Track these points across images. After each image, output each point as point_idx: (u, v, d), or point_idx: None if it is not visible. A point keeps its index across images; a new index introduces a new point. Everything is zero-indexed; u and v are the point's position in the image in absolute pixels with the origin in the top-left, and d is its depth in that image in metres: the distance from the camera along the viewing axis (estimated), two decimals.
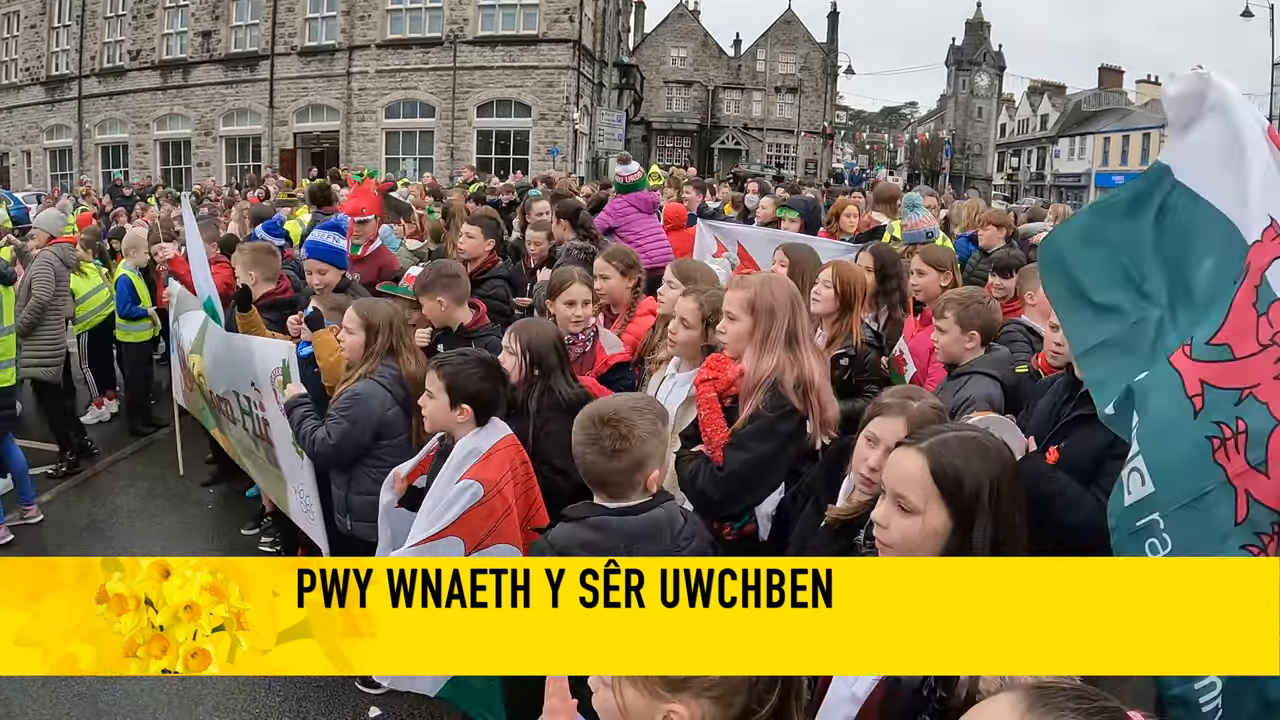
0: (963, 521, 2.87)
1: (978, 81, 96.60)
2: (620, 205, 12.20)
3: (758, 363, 4.97)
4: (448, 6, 51.40)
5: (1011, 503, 2.95)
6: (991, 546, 2.84)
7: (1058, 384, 5.47)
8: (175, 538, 9.44)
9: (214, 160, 54.13)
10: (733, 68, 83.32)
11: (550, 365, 5.73)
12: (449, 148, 51.32)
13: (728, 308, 5.15)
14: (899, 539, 2.97)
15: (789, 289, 5.26)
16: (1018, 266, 8.67)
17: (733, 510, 5.01)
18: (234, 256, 9.10)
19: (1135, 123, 77.18)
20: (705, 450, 4.97)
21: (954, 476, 2.90)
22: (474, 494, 4.79)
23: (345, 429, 6.30)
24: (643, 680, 2.35)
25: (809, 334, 5.29)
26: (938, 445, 2.97)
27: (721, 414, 4.99)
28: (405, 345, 6.68)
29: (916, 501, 2.92)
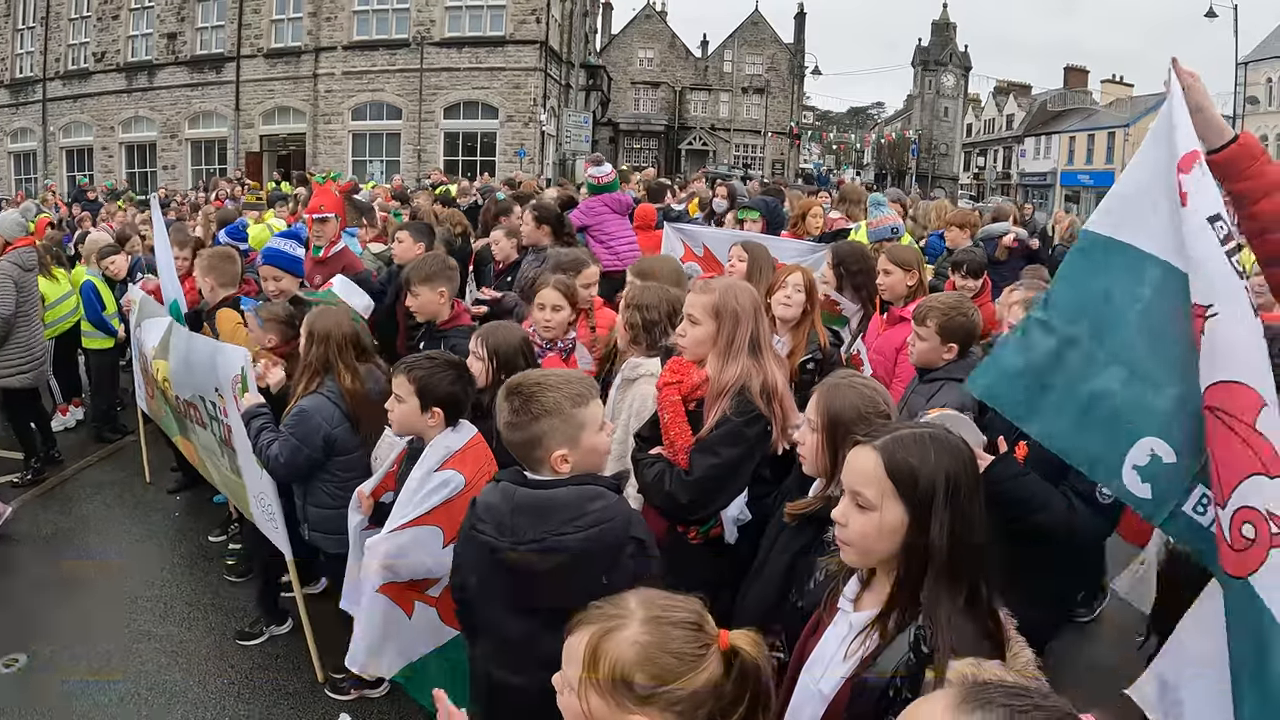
0: (919, 517, 2.88)
1: (944, 82, 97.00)
2: (595, 205, 12.26)
3: (723, 368, 4.98)
4: (414, 8, 51.14)
5: (969, 498, 2.96)
6: (949, 541, 2.85)
7: None
8: (141, 545, 9.41)
9: (179, 164, 53.66)
10: (700, 68, 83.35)
11: (516, 369, 5.66)
12: (416, 150, 51.10)
13: (690, 311, 5.14)
14: (857, 536, 2.98)
15: (752, 295, 5.26)
16: (981, 266, 8.76)
17: (700, 515, 5.00)
18: (201, 263, 9.04)
19: (1100, 122, 77.68)
20: (666, 454, 4.97)
21: (909, 473, 2.91)
22: (456, 485, 4.84)
23: (294, 446, 6.28)
24: (610, 690, 2.38)
25: (770, 341, 5.30)
26: (892, 442, 2.98)
27: (686, 418, 4.98)
28: (344, 362, 6.50)
29: (872, 498, 2.93)
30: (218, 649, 7.45)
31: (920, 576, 2.87)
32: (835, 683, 2.97)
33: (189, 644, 7.51)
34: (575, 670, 2.45)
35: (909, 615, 2.87)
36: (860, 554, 3.03)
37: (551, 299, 6.91)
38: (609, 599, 2.56)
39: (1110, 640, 7.87)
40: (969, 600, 2.85)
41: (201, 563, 8.98)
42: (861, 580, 3.15)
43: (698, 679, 2.39)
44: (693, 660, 2.41)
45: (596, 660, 2.40)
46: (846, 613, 3.11)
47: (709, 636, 2.47)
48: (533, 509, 3.79)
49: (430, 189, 23.46)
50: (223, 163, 52.56)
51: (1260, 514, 2.91)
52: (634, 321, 6.03)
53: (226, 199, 24.66)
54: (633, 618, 2.46)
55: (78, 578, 8.63)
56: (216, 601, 8.19)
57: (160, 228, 9.91)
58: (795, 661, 3.27)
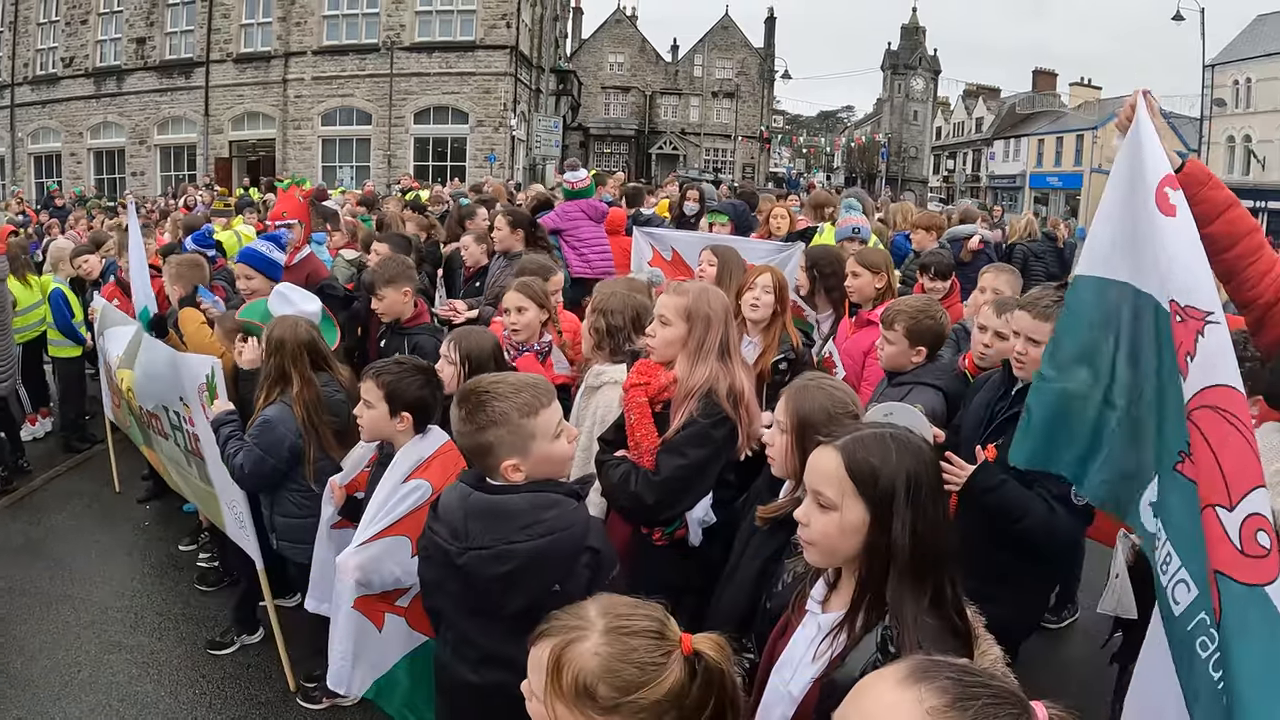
0: (880, 517, 2.90)
1: (913, 85, 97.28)
2: (571, 210, 12.23)
3: (692, 370, 5.01)
4: (384, 13, 50.97)
5: (931, 497, 2.97)
6: (911, 541, 2.87)
7: (992, 381, 5.56)
8: (112, 555, 9.35)
9: (149, 170, 53.28)
10: (670, 73, 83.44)
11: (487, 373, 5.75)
12: (386, 155, 50.94)
13: (662, 312, 5.17)
14: (819, 535, 3.00)
15: (723, 300, 5.29)
16: (949, 268, 8.80)
17: (666, 515, 5.01)
18: (167, 269, 9.02)
19: (1068, 125, 78.23)
20: (632, 455, 4.99)
21: (869, 472, 2.92)
22: (423, 493, 4.83)
23: (258, 456, 6.26)
24: (574, 701, 2.39)
25: (738, 347, 5.35)
26: (852, 442, 3.00)
27: (652, 419, 5.00)
28: (298, 371, 6.45)
29: (833, 497, 2.95)
30: (189, 659, 7.41)
31: (884, 576, 2.89)
32: (804, 684, 2.99)
33: (160, 654, 7.46)
34: (540, 680, 2.46)
35: (875, 615, 2.89)
36: (823, 554, 3.05)
37: (514, 301, 6.95)
38: (570, 608, 2.57)
39: (1078, 643, 7.94)
40: (934, 599, 2.87)
41: (172, 572, 8.93)
42: (829, 582, 3.17)
43: (660, 688, 2.40)
44: (655, 669, 2.42)
45: (559, 672, 2.41)
46: (814, 614, 3.13)
47: (671, 643, 2.48)
48: (486, 514, 3.79)
49: (400, 195, 23.40)
50: (192, 169, 52.08)
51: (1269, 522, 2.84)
52: (598, 326, 6.04)
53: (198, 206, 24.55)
54: (593, 629, 2.47)
55: (47, 588, 8.57)
56: (187, 611, 8.15)
57: (135, 233, 9.87)
58: (765, 663, 3.28)
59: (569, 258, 11.54)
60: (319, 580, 5.78)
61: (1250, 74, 58.87)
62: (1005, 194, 78.93)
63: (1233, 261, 3.90)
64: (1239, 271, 3.91)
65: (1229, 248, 3.88)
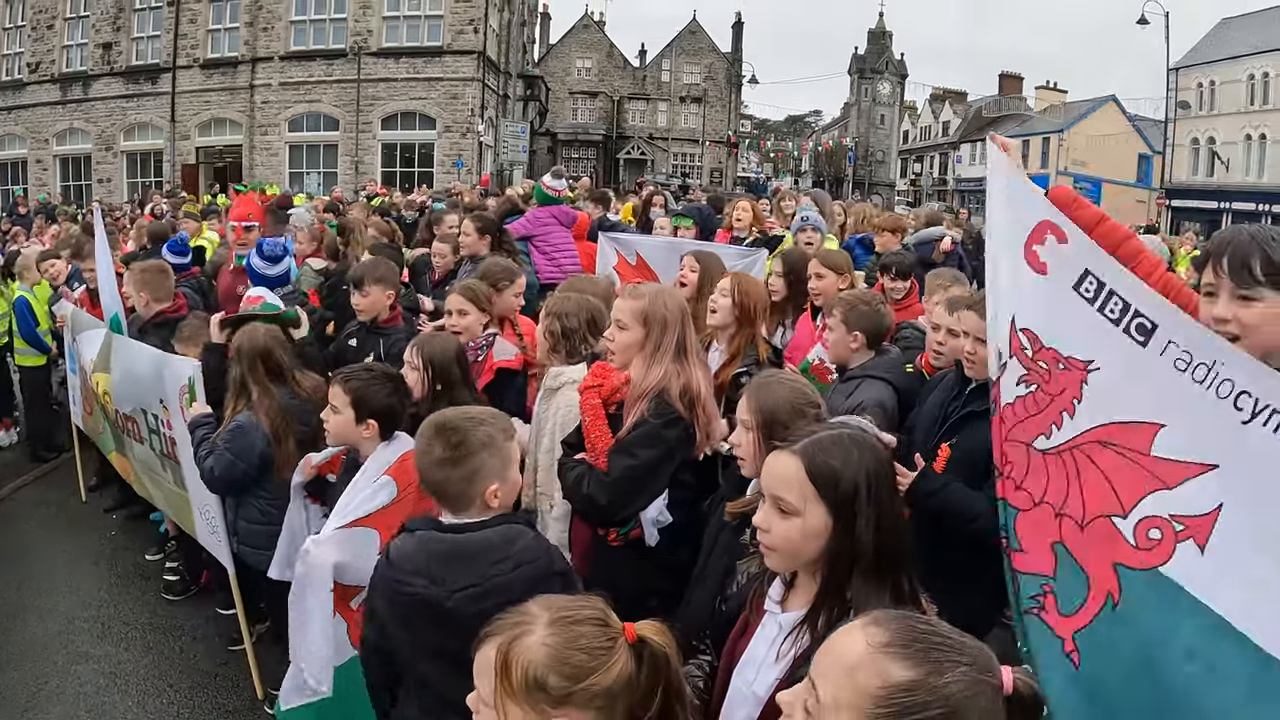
0: (843, 519, 2.92)
1: (880, 90, 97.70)
2: (543, 215, 12.24)
3: (646, 372, 5.03)
4: (351, 18, 50.71)
5: (890, 493, 3.03)
6: (875, 538, 2.91)
7: (946, 380, 5.61)
8: (78, 564, 9.31)
9: (115, 176, 52.79)
10: (638, 78, 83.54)
11: (452, 379, 5.79)
12: (353, 161, 50.67)
13: (619, 316, 5.19)
14: (781, 541, 3.01)
15: (679, 301, 5.33)
16: (909, 268, 8.86)
17: (619, 515, 5.03)
18: (125, 275, 9.00)
19: (1035, 128, 78.68)
20: (588, 457, 5.01)
21: (830, 475, 2.94)
22: (390, 492, 4.86)
23: (229, 461, 6.27)
24: (525, 696, 2.40)
25: (697, 349, 5.35)
26: (811, 446, 3.01)
27: (606, 421, 5.05)
28: (256, 380, 6.48)
29: (795, 503, 2.96)
30: (157, 669, 7.39)
31: (847, 575, 2.92)
32: (769, 684, 2.99)
33: (127, 664, 7.45)
34: (488, 683, 2.47)
35: (838, 612, 2.90)
36: (785, 559, 3.07)
37: (455, 304, 7.03)
38: (510, 610, 2.59)
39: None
40: (894, 594, 2.91)
41: (139, 582, 8.91)
42: (785, 581, 3.18)
43: (610, 673, 2.42)
44: (602, 654, 2.44)
45: (508, 667, 2.42)
46: (774, 614, 3.14)
47: (615, 631, 2.51)
48: (460, 555, 3.77)
49: (366, 200, 23.35)
50: (158, 175, 51.76)
51: (1164, 519, 3.23)
52: (553, 330, 6.08)
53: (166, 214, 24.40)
54: (538, 621, 2.49)
55: (14, 599, 8.54)
56: (154, 621, 8.13)
57: (102, 239, 9.85)
58: (725, 665, 3.30)
59: (539, 263, 11.56)
60: (286, 548, 5.78)
61: (1214, 77, 59.38)
62: (972, 197, 79.17)
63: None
64: None
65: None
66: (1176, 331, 3.37)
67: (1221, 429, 3.15)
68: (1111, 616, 3.31)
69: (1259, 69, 56.42)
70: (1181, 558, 3.18)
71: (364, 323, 7.89)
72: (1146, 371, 3.40)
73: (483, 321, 7.07)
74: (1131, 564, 3.29)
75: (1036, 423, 3.73)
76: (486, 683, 2.48)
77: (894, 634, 2.03)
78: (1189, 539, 3.17)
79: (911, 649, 2.00)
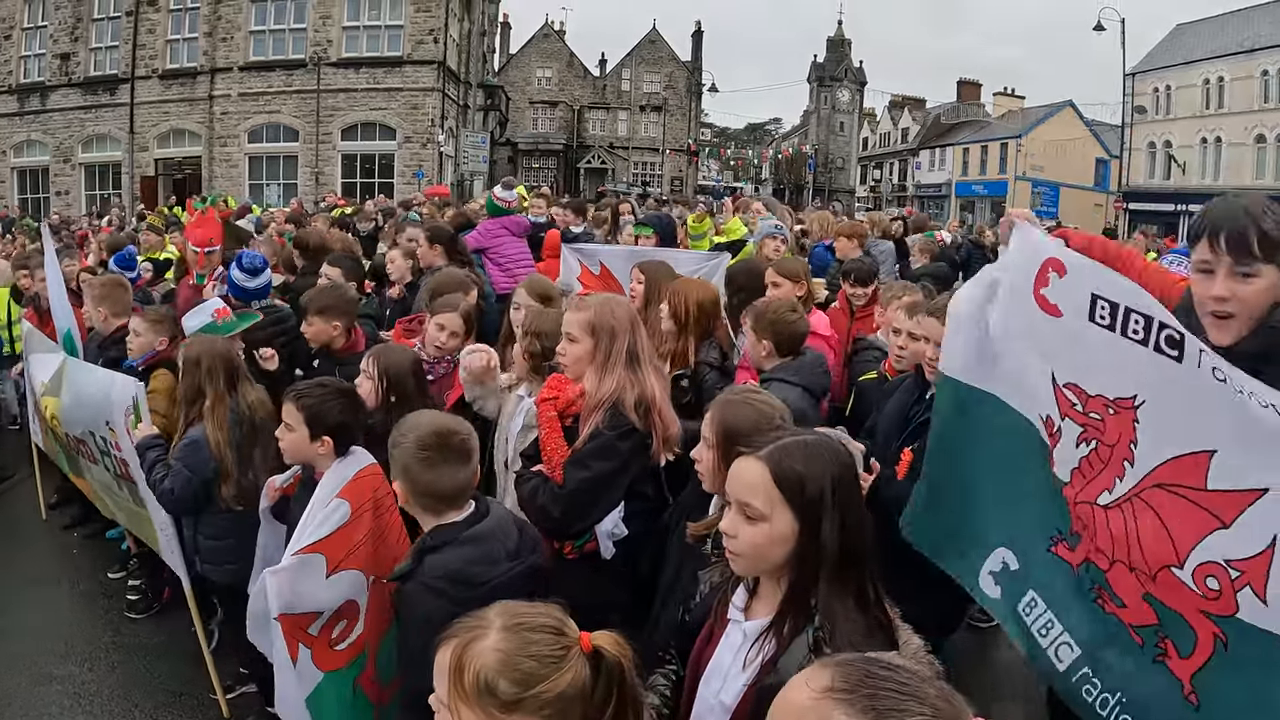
0: (809, 523, 2.95)
1: (839, 97, 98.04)
2: (494, 227, 12.22)
3: (599, 383, 5.05)
4: (311, 28, 50.41)
5: (854, 496, 3.07)
6: (840, 542, 2.94)
7: (906, 384, 5.70)
8: (39, 584, 9.20)
9: (73, 189, 52.09)
10: (598, 87, 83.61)
11: (407, 391, 5.82)
12: (314, 172, 50.35)
13: (568, 330, 5.22)
14: (748, 547, 3.03)
15: (628, 309, 5.37)
16: (871, 274, 8.98)
17: (574, 528, 5.06)
18: (92, 294, 8.94)
19: (993, 134, 79.31)
20: (545, 469, 5.02)
21: (796, 480, 2.97)
22: (343, 514, 4.78)
23: (185, 478, 6.23)
24: (476, 699, 2.43)
25: (649, 353, 5.37)
26: (777, 451, 3.04)
27: (561, 433, 5.06)
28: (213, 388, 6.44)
29: (762, 508, 2.99)
30: (121, 688, 7.32)
31: (813, 579, 2.95)
32: (737, 692, 3.02)
33: (91, 684, 7.37)
34: (443, 685, 2.51)
35: (803, 618, 2.94)
36: (751, 564, 3.10)
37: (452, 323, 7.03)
38: (471, 614, 2.63)
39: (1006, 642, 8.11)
40: (858, 597, 2.94)
41: (102, 600, 8.82)
42: (749, 589, 3.21)
43: (561, 681, 2.45)
44: (554, 662, 2.47)
45: (461, 670, 2.46)
46: (738, 622, 3.16)
47: (570, 640, 2.53)
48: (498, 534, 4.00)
49: (326, 212, 23.23)
50: (117, 188, 51.13)
51: (1219, 564, 3.13)
52: (533, 350, 6.01)
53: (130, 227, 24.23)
54: (492, 627, 2.52)
55: None
56: (118, 640, 8.05)
57: (51, 255, 9.83)
58: (691, 675, 3.31)
59: (494, 275, 11.52)
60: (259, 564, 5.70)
61: (1170, 81, 60.04)
62: (932, 202, 79.70)
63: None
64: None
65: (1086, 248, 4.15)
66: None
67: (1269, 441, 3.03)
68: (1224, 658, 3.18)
69: (1214, 74, 57.07)
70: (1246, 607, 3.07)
71: (321, 351, 7.84)
72: (1189, 389, 3.25)
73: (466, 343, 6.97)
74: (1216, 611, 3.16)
75: (1102, 479, 3.62)
76: (442, 684, 2.52)
77: (839, 678, 1.95)
78: (1245, 586, 3.07)
79: (857, 694, 1.91)
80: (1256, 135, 54.22)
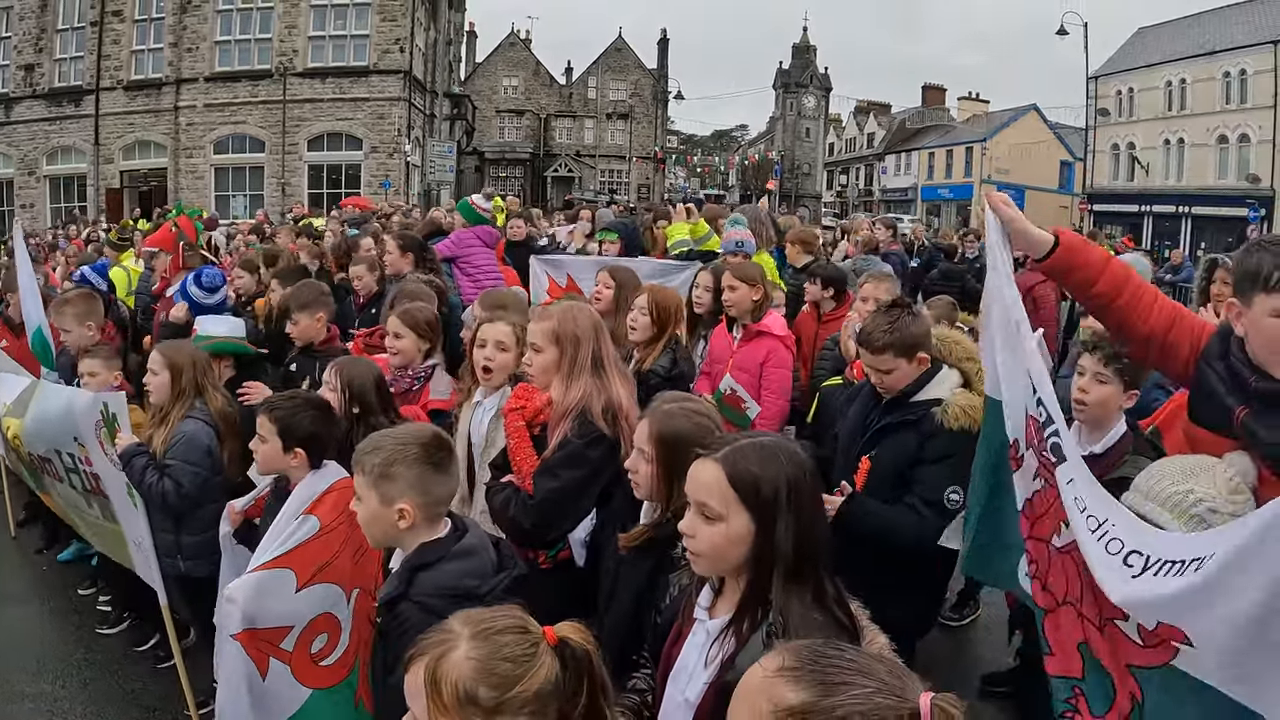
0: (764, 523, 3.01)
1: (805, 103, 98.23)
2: (467, 236, 12.23)
3: (566, 391, 5.07)
4: (277, 38, 50.34)
5: (810, 498, 3.12)
6: (794, 543, 3.00)
7: (865, 392, 5.72)
8: (10, 601, 9.13)
9: (38, 202, 51.73)
10: (564, 96, 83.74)
11: (370, 403, 5.79)
12: (280, 183, 50.24)
13: (532, 340, 5.25)
14: (707, 547, 3.09)
15: (591, 316, 5.39)
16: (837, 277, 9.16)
17: (546, 538, 5.10)
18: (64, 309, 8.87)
19: (958, 138, 79.92)
20: (515, 480, 5.04)
21: (750, 481, 3.02)
22: (310, 528, 4.79)
23: (193, 473, 6.32)
24: (458, 711, 2.45)
25: (614, 359, 5.41)
26: (733, 454, 3.10)
27: (530, 443, 5.08)
28: (210, 383, 6.72)
29: (718, 508, 3.04)
30: (94, 705, 7.29)
31: (769, 578, 3.01)
32: (700, 689, 3.07)
33: (63, 701, 7.33)
34: (420, 703, 2.52)
35: (761, 615, 2.99)
36: (711, 563, 3.15)
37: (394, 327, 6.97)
38: (431, 631, 2.65)
39: (980, 640, 8.19)
40: (816, 595, 3.00)
41: (73, 617, 8.76)
42: (714, 588, 3.26)
43: (536, 678, 2.49)
44: (527, 660, 2.51)
45: (438, 685, 2.47)
46: (703, 621, 3.22)
47: (536, 636, 2.58)
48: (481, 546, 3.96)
49: (292, 224, 23.17)
50: (82, 200, 50.87)
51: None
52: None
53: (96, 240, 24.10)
54: (460, 637, 2.54)
55: None
56: (90, 656, 8.00)
57: (22, 252, 9.83)
58: (662, 674, 3.37)
59: (464, 285, 11.49)
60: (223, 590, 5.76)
61: (1132, 84, 60.71)
62: (898, 207, 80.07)
63: (1123, 305, 4.15)
64: (1131, 311, 4.14)
65: (1117, 295, 4.14)
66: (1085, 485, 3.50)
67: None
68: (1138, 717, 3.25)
69: (1176, 76, 57.68)
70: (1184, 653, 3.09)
71: (303, 347, 7.92)
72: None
73: (422, 349, 6.99)
74: (1142, 663, 3.23)
75: (1050, 520, 3.75)
76: (419, 704, 2.53)
77: (789, 659, 2.05)
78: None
79: (803, 670, 2.01)
80: (1219, 136, 54.82)
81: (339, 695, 4.92)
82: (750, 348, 7.67)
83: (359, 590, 4.91)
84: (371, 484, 3.93)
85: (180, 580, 6.76)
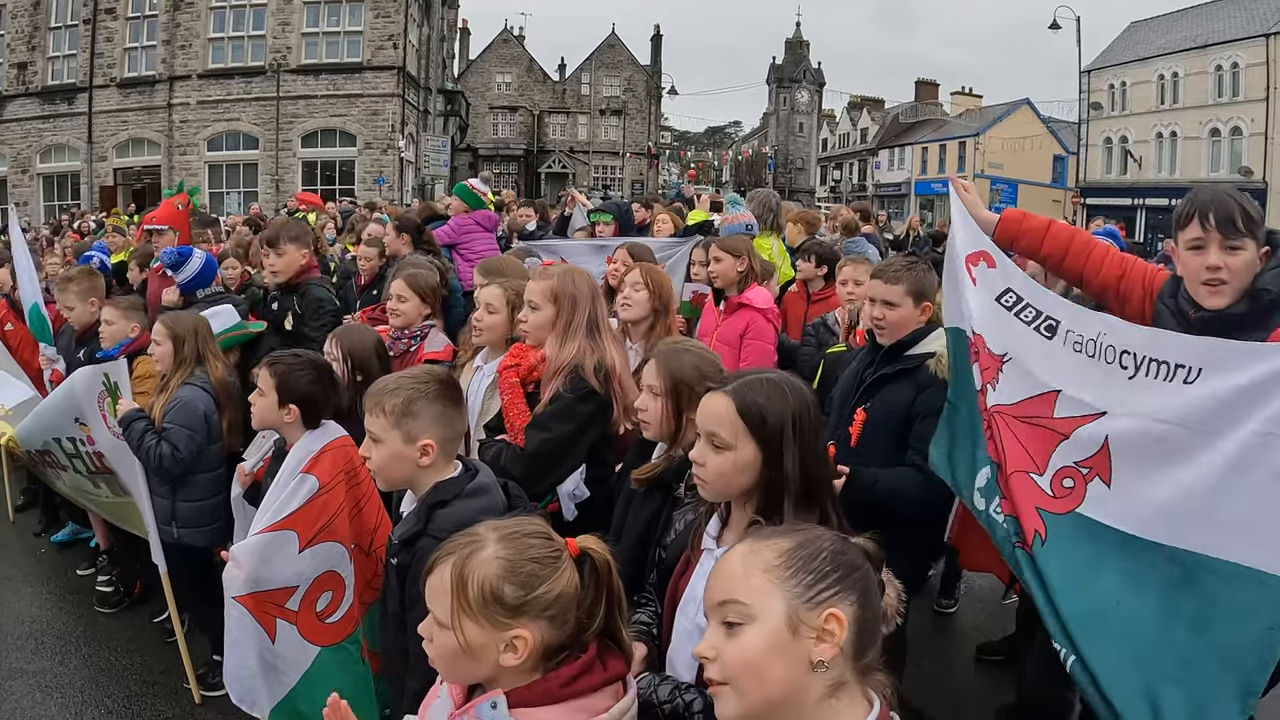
0: (771, 453, 3.20)
1: (799, 98, 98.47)
2: (465, 222, 12.30)
3: (560, 349, 5.18)
4: (270, 35, 50.42)
5: (814, 431, 3.30)
6: (800, 471, 3.19)
7: (864, 349, 5.85)
8: (8, 583, 9.14)
9: (32, 200, 51.52)
10: (558, 92, 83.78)
11: (371, 369, 5.86)
12: (274, 180, 50.25)
13: (530, 297, 5.34)
14: (714, 474, 3.26)
15: (589, 280, 5.50)
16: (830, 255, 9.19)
17: (535, 490, 5.02)
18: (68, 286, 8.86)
19: (951, 132, 79.82)
20: (509, 436, 5.13)
21: (758, 413, 3.21)
22: (310, 488, 4.86)
23: (188, 436, 6.38)
24: (482, 610, 2.50)
25: (608, 323, 5.50)
26: (741, 386, 3.28)
27: (524, 398, 5.21)
28: (211, 352, 6.80)
29: (728, 438, 3.22)
30: (93, 681, 7.30)
31: (778, 505, 3.16)
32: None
33: (62, 677, 7.35)
34: (444, 604, 2.56)
35: None
36: (718, 490, 3.31)
37: (397, 289, 7.12)
38: (458, 534, 2.71)
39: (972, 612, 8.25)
40: (821, 522, 3.07)
41: (71, 596, 8.78)
42: (722, 519, 3.38)
43: (560, 580, 2.56)
44: (552, 563, 2.58)
45: (464, 584, 2.52)
46: (711, 550, 3.31)
47: (559, 544, 2.64)
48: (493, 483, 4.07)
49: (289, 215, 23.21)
50: (76, 198, 50.74)
51: (1071, 467, 3.99)
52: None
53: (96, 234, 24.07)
54: (487, 539, 2.60)
55: None
56: (89, 634, 8.02)
57: (17, 234, 9.87)
58: (669, 606, 3.46)
59: (463, 270, 11.44)
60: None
61: (1125, 78, 60.78)
62: (891, 201, 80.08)
63: (1071, 263, 5.00)
64: (1080, 268, 4.98)
65: (1063, 256, 5.02)
66: (1073, 322, 4.22)
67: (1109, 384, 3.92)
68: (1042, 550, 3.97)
69: (1168, 69, 57.80)
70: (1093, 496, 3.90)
71: (280, 284, 8.06)
72: (1051, 355, 4.24)
73: (423, 312, 7.16)
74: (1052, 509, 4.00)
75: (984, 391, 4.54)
76: (442, 604, 2.56)
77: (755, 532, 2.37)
78: (1095, 478, 3.90)
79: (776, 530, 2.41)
80: (1211, 129, 54.92)
81: (345, 652, 4.98)
82: (732, 321, 7.67)
83: (355, 546, 4.97)
84: (395, 423, 3.96)
85: (177, 549, 6.78)
